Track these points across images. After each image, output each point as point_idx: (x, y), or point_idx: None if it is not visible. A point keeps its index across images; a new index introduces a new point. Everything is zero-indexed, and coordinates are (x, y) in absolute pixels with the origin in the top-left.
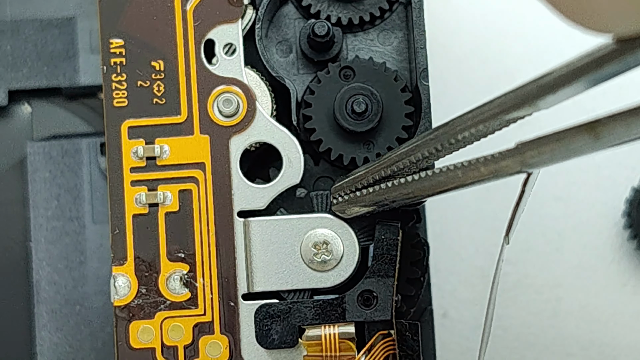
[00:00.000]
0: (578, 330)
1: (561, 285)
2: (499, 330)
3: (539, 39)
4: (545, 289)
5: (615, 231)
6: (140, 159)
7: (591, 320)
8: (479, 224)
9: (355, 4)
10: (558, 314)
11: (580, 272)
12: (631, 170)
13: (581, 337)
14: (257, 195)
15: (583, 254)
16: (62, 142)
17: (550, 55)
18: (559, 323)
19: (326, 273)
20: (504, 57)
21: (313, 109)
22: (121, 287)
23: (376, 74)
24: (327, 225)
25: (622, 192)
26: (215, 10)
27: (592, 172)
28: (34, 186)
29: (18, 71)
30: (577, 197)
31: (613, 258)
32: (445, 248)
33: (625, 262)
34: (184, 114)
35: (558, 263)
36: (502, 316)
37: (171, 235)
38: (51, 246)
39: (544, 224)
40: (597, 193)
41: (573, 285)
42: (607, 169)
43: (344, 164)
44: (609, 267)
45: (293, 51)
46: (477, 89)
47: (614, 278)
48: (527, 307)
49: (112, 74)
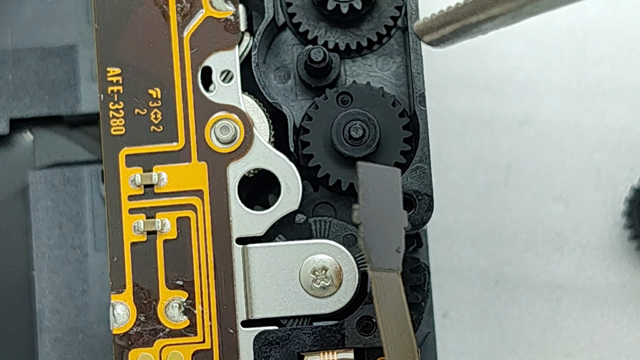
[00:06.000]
0: (578, 330)
1: (561, 285)
2: (499, 331)
3: (538, 39)
4: (545, 289)
5: (615, 231)
6: (138, 187)
7: (591, 320)
8: (479, 224)
9: (353, 30)
10: (558, 314)
11: (580, 272)
12: (631, 170)
13: (581, 337)
14: (256, 222)
15: (583, 254)
16: (64, 170)
17: (550, 55)
18: (559, 323)
19: (325, 299)
20: (504, 57)
21: (311, 135)
22: (120, 315)
23: (374, 99)
24: (326, 251)
25: (622, 192)
26: (212, 38)
27: (592, 172)
28: (36, 214)
29: (20, 100)
30: (577, 197)
31: (613, 258)
32: (445, 248)
33: (625, 262)
34: (182, 141)
35: (558, 263)
36: (502, 316)
37: (170, 262)
38: (54, 274)
39: (544, 224)
40: (597, 193)
41: (573, 285)
42: (607, 169)
43: (343, 190)
44: (609, 267)
45: (291, 77)
46: (477, 89)
47: (614, 278)
48: (527, 307)
49: (110, 102)
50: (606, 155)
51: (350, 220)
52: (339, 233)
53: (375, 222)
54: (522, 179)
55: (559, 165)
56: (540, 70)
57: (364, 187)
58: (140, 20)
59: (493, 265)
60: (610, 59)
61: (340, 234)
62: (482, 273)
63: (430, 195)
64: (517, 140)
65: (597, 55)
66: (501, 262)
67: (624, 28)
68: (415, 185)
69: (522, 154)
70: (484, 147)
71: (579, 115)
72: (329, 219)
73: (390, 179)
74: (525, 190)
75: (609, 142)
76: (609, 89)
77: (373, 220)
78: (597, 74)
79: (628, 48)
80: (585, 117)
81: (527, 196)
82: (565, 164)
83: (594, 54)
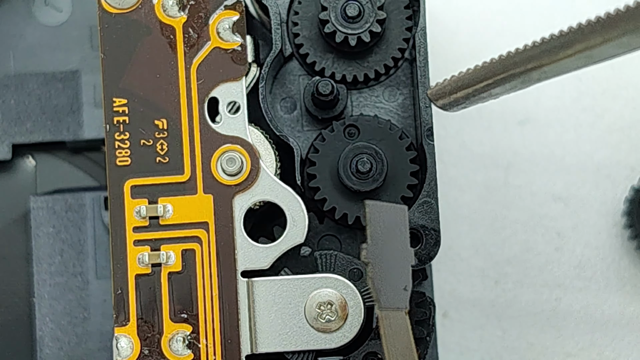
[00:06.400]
0: (578, 330)
1: (561, 285)
2: (499, 331)
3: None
4: (545, 289)
5: (615, 231)
6: (143, 219)
7: (591, 320)
8: (479, 224)
9: (360, 61)
10: (558, 314)
11: (580, 272)
12: (631, 170)
13: (581, 337)
14: (261, 255)
15: (583, 254)
16: (66, 197)
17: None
18: (559, 323)
19: (330, 334)
20: None
21: (317, 168)
22: (123, 348)
23: (381, 132)
24: (331, 286)
25: (622, 192)
26: (219, 68)
27: (592, 172)
28: (38, 241)
29: (22, 125)
30: (577, 197)
31: (613, 258)
32: (445, 248)
33: (625, 262)
34: (187, 173)
35: (558, 263)
36: (503, 316)
37: (174, 295)
38: (54, 302)
39: (544, 224)
40: (597, 193)
41: (573, 285)
42: (607, 168)
43: (349, 223)
44: (609, 267)
45: (297, 107)
46: None
47: (614, 278)
48: (527, 307)
49: (115, 132)
50: (606, 155)
51: (355, 253)
52: (345, 267)
53: (383, 261)
54: (522, 178)
55: (558, 165)
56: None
57: (372, 226)
58: (147, 50)
59: (493, 265)
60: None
61: (346, 268)
62: (482, 273)
63: (437, 230)
64: (516, 139)
65: None
66: (501, 262)
67: None
68: (422, 220)
69: (521, 152)
70: (484, 146)
71: (578, 114)
72: (335, 253)
73: (397, 217)
74: (525, 190)
75: (608, 142)
76: (609, 89)
77: (381, 260)
78: (597, 73)
79: None
80: (584, 116)
81: (527, 195)
82: (564, 163)
83: None
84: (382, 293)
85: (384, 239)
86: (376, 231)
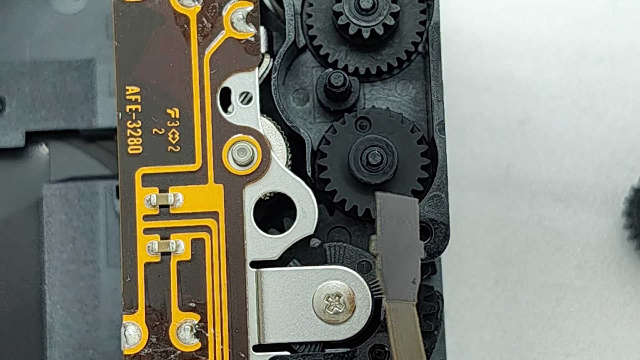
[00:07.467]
0: (578, 330)
1: (561, 285)
2: (499, 331)
3: (538, 38)
4: (545, 289)
5: (615, 231)
6: (154, 207)
7: (591, 320)
8: (479, 224)
9: (373, 54)
10: (558, 314)
11: (580, 272)
12: (631, 170)
13: (581, 337)
14: (270, 246)
15: (583, 254)
16: (79, 185)
17: (550, 55)
18: (559, 323)
19: (338, 326)
20: (504, 57)
21: (328, 159)
22: (131, 335)
23: (393, 125)
24: (340, 278)
25: (622, 192)
26: (232, 59)
27: (592, 172)
28: (50, 228)
29: (36, 113)
30: (577, 197)
31: (613, 258)
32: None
33: (625, 262)
34: (199, 162)
35: (558, 263)
36: (502, 316)
37: (183, 284)
38: (65, 289)
39: (544, 224)
40: (597, 193)
41: (573, 285)
42: (607, 169)
43: (359, 215)
44: (609, 267)
45: (310, 99)
46: (477, 89)
47: (614, 278)
48: (527, 307)
49: (127, 120)
50: (606, 155)
51: (365, 246)
52: (354, 259)
53: (392, 253)
54: (522, 178)
55: (559, 165)
56: (540, 70)
57: (382, 218)
58: (160, 39)
59: (493, 265)
60: (610, 59)
61: (354, 260)
62: (482, 273)
63: (447, 224)
64: (517, 140)
65: (597, 55)
66: (501, 262)
67: (624, 28)
68: (432, 213)
69: (522, 153)
70: (484, 147)
71: (578, 115)
72: (344, 245)
73: (408, 210)
74: (525, 190)
75: (608, 142)
76: (609, 89)
77: (390, 252)
78: (597, 73)
79: (628, 48)
80: (585, 117)
81: (527, 195)
82: (565, 164)
83: (594, 54)
84: (390, 285)
85: (393, 231)
86: (386, 223)
